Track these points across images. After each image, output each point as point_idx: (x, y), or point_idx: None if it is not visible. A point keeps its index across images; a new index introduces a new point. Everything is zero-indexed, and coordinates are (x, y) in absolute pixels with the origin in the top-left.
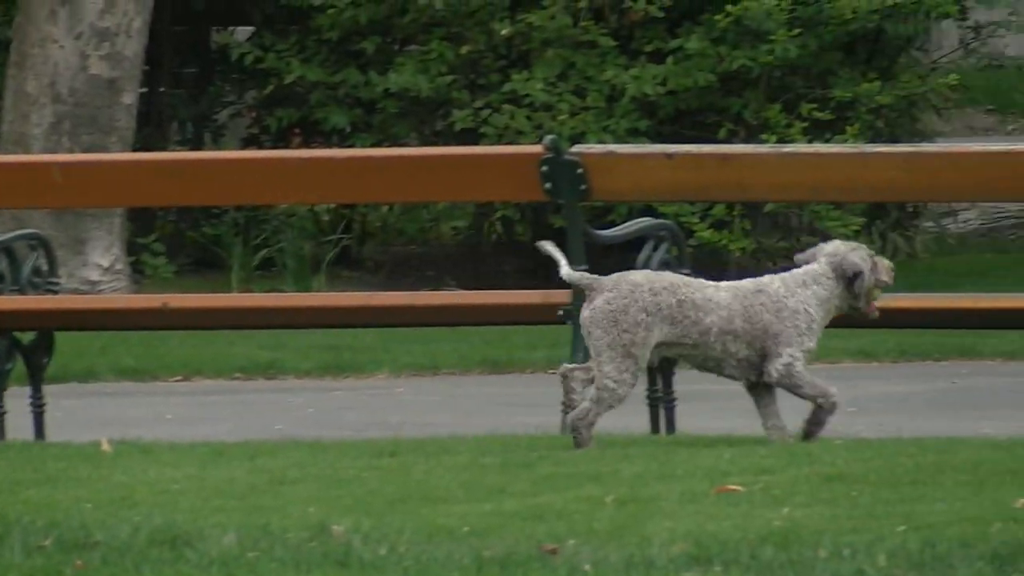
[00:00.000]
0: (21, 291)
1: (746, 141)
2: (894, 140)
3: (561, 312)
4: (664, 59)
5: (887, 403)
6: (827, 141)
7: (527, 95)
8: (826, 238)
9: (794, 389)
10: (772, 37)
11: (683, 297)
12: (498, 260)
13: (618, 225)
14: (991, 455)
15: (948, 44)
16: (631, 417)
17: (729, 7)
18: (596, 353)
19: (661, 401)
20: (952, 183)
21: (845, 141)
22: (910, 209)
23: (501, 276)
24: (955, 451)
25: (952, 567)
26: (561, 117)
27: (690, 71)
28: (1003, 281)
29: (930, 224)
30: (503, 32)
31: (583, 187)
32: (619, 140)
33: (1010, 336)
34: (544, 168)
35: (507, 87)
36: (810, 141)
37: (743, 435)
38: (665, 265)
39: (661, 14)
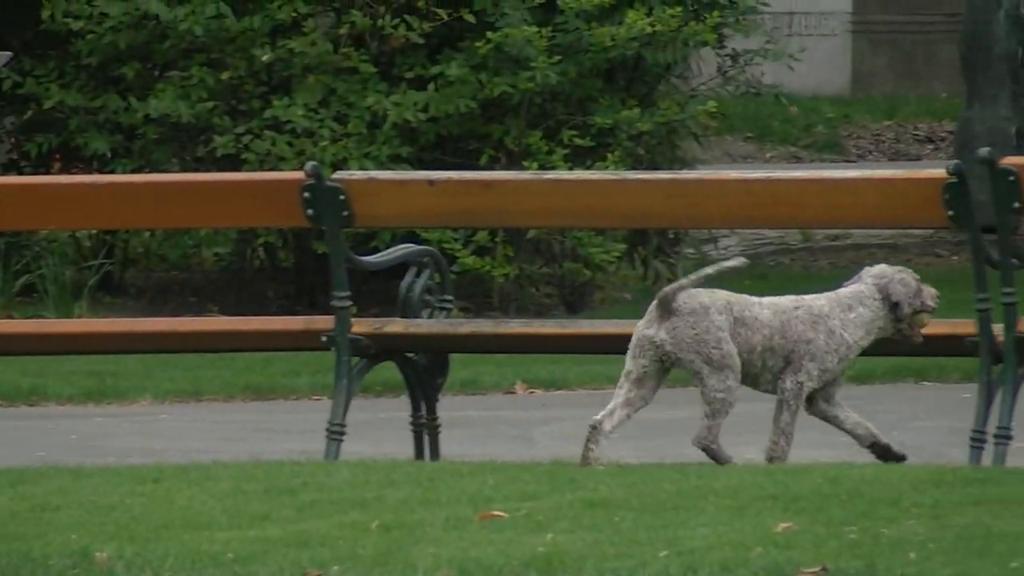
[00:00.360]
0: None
1: (508, 167)
2: (654, 167)
3: (325, 338)
4: (425, 86)
5: (649, 428)
6: (588, 167)
7: (288, 121)
8: (588, 263)
9: (784, 410)
10: (532, 64)
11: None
12: (261, 286)
13: (381, 251)
14: (752, 480)
15: (707, 72)
16: (395, 443)
17: (489, 34)
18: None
19: (425, 427)
20: (712, 210)
21: (606, 168)
22: (671, 235)
23: (264, 302)
24: (717, 476)
25: None
26: (323, 143)
27: (451, 98)
28: None
29: (691, 251)
30: (264, 58)
31: (345, 213)
32: (381, 166)
33: None
34: (306, 194)
35: (268, 113)
36: (571, 167)
37: (507, 461)
38: (427, 292)
39: (422, 41)
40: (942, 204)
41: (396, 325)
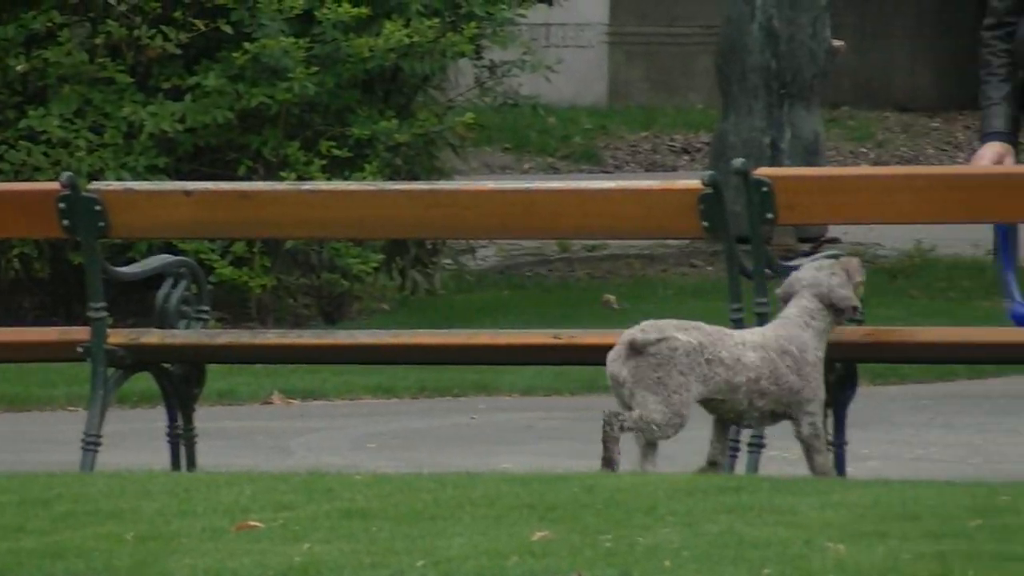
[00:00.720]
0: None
1: (265, 178)
2: (413, 177)
3: (81, 349)
4: (182, 96)
5: (407, 439)
6: (346, 178)
7: (44, 131)
8: (346, 274)
9: (814, 454)
10: (290, 75)
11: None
12: (17, 297)
13: (138, 262)
14: (509, 489)
15: (465, 83)
16: (151, 454)
17: (247, 44)
18: None
19: (181, 438)
20: (469, 220)
21: (364, 178)
22: (429, 246)
23: (20, 313)
24: (474, 486)
25: None
26: (79, 154)
27: (208, 108)
28: (520, 317)
29: (449, 261)
30: (18, 68)
31: (101, 224)
32: (138, 177)
33: (527, 372)
34: (62, 205)
35: (23, 123)
36: (329, 178)
37: (264, 472)
38: (184, 302)
39: (179, 51)
40: (697, 215)
41: (152, 336)
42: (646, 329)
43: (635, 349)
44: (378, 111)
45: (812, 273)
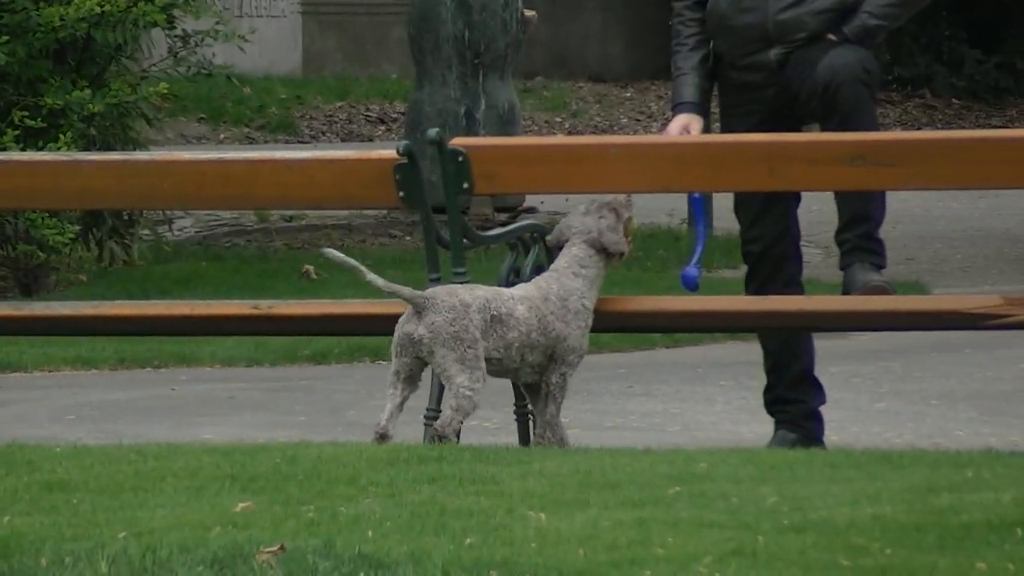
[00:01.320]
0: None
1: None
2: (108, 148)
3: None
4: None
5: (107, 410)
6: (40, 149)
7: None
8: (42, 246)
9: (549, 402)
10: None
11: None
12: None
13: None
14: (210, 460)
15: (159, 53)
16: None
17: None
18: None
19: None
20: (165, 191)
21: (58, 149)
22: (126, 217)
23: None
24: (175, 457)
25: (173, 571)
26: None
27: None
28: (219, 289)
29: (146, 232)
30: None
31: None
32: None
33: (227, 343)
34: None
35: None
36: (23, 149)
37: None
38: None
39: None
40: (394, 185)
41: None
42: (435, 291)
43: (422, 308)
44: (71, 81)
45: (580, 219)
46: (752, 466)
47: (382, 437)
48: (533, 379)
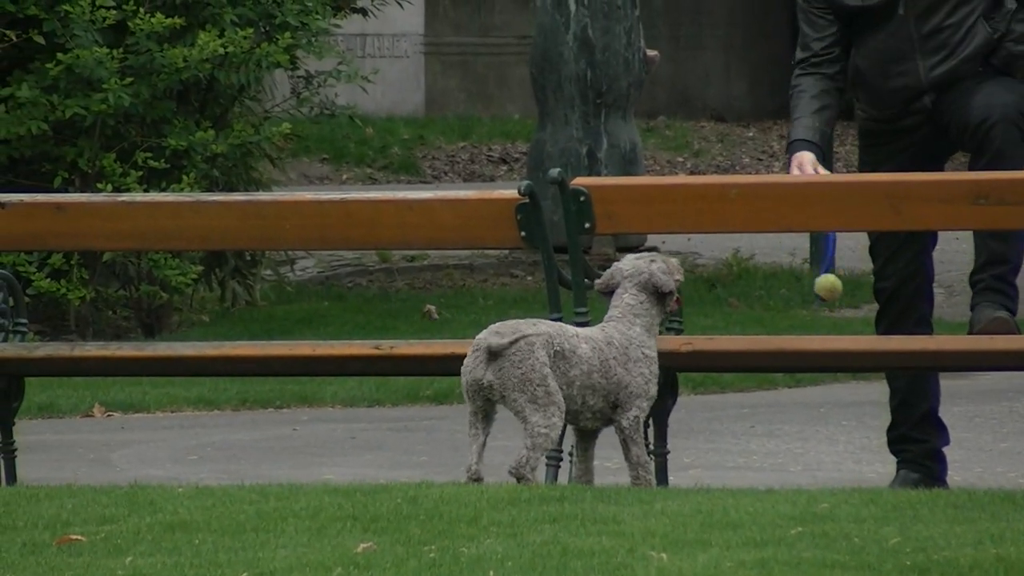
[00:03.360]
0: None
1: (82, 190)
2: (230, 189)
3: None
4: None
5: (229, 451)
6: (163, 190)
7: None
8: (165, 286)
9: (631, 445)
10: (105, 85)
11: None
12: None
13: None
14: (332, 500)
15: (281, 93)
16: None
17: (60, 55)
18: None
19: (1, 451)
20: (287, 231)
21: (181, 190)
22: (248, 257)
23: None
24: (297, 498)
25: None
26: None
27: (22, 119)
28: (341, 329)
29: (269, 272)
30: None
31: None
32: None
33: (348, 383)
34: None
35: None
36: (146, 190)
37: (85, 485)
38: (1, 315)
39: None
40: (516, 224)
41: None
42: (500, 332)
43: (494, 353)
44: (194, 122)
45: (632, 263)
46: (875, 506)
47: (475, 480)
48: (593, 426)
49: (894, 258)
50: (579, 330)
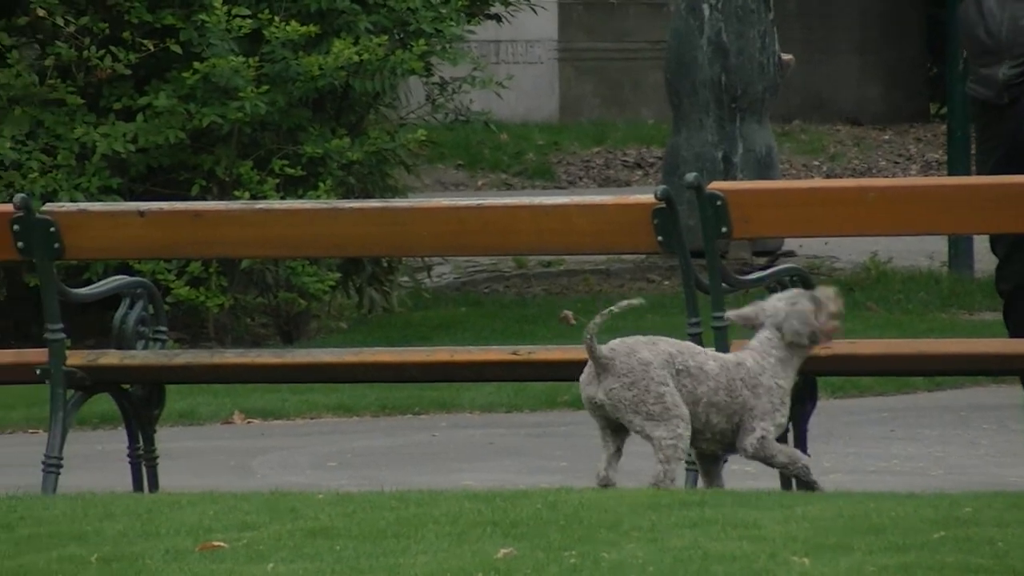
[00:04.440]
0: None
1: (219, 198)
2: (367, 195)
3: (39, 371)
4: (134, 116)
5: (369, 457)
6: (300, 197)
7: None
8: (302, 293)
9: (773, 462)
10: (241, 94)
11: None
12: None
13: (94, 283)
14: (472, 506)
15: (415, 100)
16: (113, 476)
17: (196, 64)
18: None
19: (143, 459)
20: (424, 237)
21: (318, 197)
22: (385, 264)
23: None
24: (436, 503)
25: None
26: (32, 175)
27: (160, 128)
28: (478, 334)
29: (406, 279)
30: None
31: (56, 245)
32: (91, 198)
33: (486, 388)
34: (16, 227)
35: None
36: (283, 197)
37: (226, 491)
38: (141, 323)
39: (128, 72)
40: (652, 229)
41: (111, 357)
42: (614, 348)
43: (603, 367)
44: (330, 129)
45: (773, 303)
46: (1018, 510)
47: (605, 485)
48: (712, 448)
49: (1010, 259)
50: (707, 349)
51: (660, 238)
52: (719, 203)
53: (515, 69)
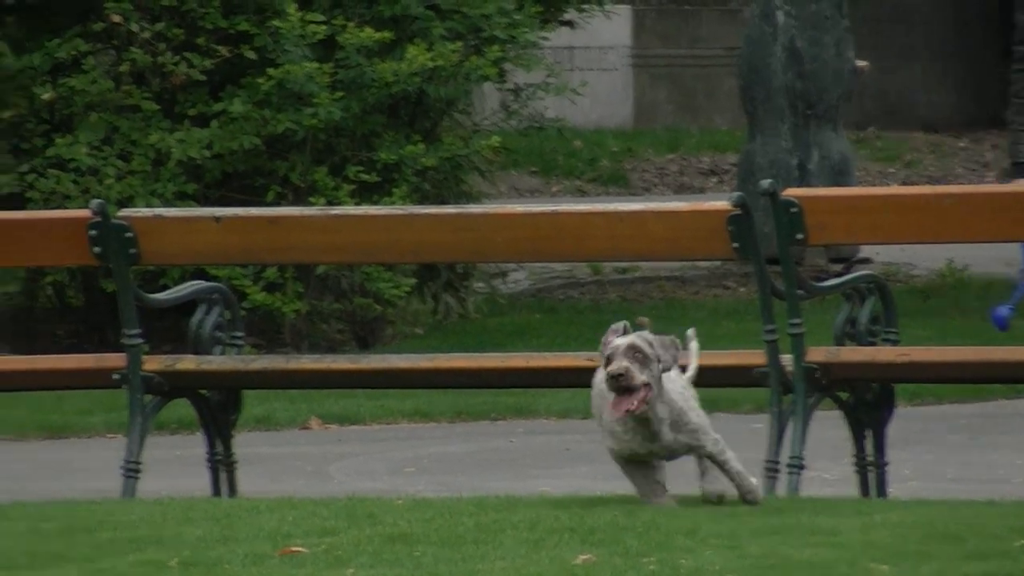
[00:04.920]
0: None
1: (294, 203)
2: (441, 201)
3: (116, 376)
4: (208, 123)
5: (446, 462)
6: (375, 203)
7: (72, 159)
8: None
9: (724, 467)
10: (315, 100)
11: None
12: (51, 325)
13: (170, 289)
14: (549, 512)
15: (490, 106)
16: (191, 480)
17: (271, 70)
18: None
19: (221, 464)
20: (499, 244)
21: (392, 203)
22: (460, 270)
23: (54, 341)
24: (514, 509)
25: None
26: (108, 181)
27: (235, 134)
28: (554, 340)
29: (481, 285)
30: (45, 96)
31: (133, 251)
32: (167, 204)
33: (563, 395)
34: (92, 232)
35: (51, 151)
36: (358, 203)
37: (304, 497)
38: (218, 328)
39: (203, 77)
40: (727, 236)
41: (188, 362)
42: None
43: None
44: (404, 135)
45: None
46: None
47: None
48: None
49: None
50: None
51: (735, 244)
52: (794, 210)
53: (589, 76)
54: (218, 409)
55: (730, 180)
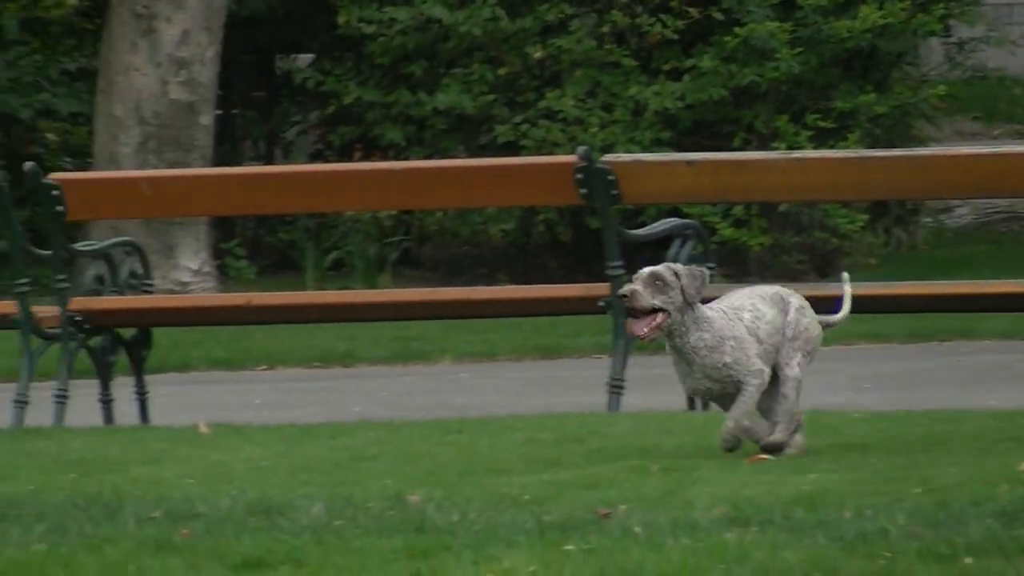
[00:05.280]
0: (120, 292)
1: (758, 148)
2: (891, 146)
3: (601, 303)
4: (681, 77)
5: (898, 380)
6: (831, 148)
7: (560, 111)
8: (835, 233)
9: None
10: (777, 55)
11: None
12: (543, 258)
13: (648, 225)
14: (995, 424)
15: (935, 59)
16: (668, 397)
17: (736, 29)
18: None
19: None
20: (946, 183)
21: (847, 147)
22: (909, 206)
23: (546, 272)
24: (962, 421)
25: (964, 524)
26: (592, 130)
27: (705, 87)
28: (997, 269)
29: (928, 219)
30: (536, 55)
31: (615, 192)
32: (645, 150)
33: (1005, 318)
34: (579, 176)
35: (542, 104)
36: (816, 147)
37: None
38: (692, 260)
39: (676, 37)
40: None
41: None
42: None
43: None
44: (858, 86)
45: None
46: None
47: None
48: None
49: None
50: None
51: None
52: None
53: None
54: None
55: None
